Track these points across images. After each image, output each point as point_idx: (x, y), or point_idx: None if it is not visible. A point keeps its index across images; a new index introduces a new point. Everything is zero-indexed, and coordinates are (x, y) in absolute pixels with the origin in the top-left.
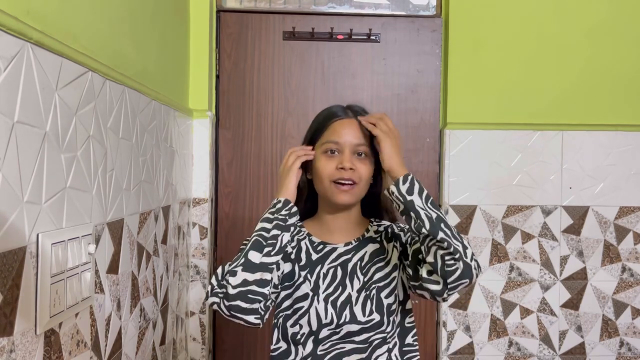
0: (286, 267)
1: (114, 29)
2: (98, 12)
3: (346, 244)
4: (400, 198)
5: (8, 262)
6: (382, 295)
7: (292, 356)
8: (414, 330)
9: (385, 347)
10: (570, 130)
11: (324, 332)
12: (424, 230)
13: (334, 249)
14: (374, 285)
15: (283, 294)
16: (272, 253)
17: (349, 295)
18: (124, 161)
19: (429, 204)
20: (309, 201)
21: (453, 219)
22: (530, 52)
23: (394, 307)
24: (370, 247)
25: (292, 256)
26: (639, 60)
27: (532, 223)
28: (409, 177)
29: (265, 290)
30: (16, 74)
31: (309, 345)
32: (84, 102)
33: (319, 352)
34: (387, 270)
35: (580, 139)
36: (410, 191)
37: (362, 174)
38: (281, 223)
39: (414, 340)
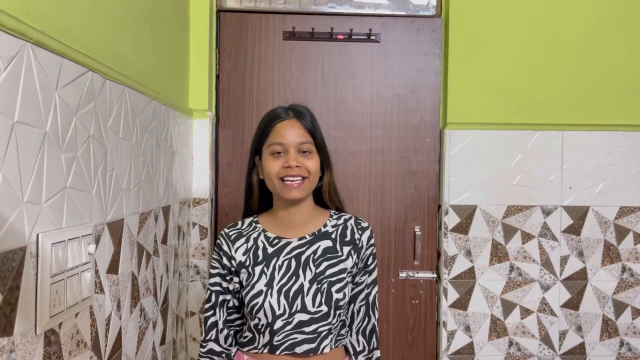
0: (243, 275)
1: (114, 28)
2: (98, 12)
3: (300, 239)
4: None
5: (8, 262)
6: (333, 289)
7: (256, 344)
8: (346, 322)
9: (330, 337)
10: (570, 130)
11: (278, 324)
12: None
13: (289, 243)
14: (325, 280)
15: (244, 294)
16: None
17: (302, 285)
18: (124, 161)
19: None
20: (263, 199)
21: (453, 219)
22: (531, 52)
23: (341, 303)
24: (324, 243)
25: (247, 263)
26: (639, 60)
27: (532, 223)
28: None
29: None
30: (16, 74)
31: (267, 336)
32: (84, 102)
33: (274, 343)
34: (339, 268)
35: (580, 139)
36: None
37: (310, 167)
38: None
39: (345, 331)
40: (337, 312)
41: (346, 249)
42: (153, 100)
